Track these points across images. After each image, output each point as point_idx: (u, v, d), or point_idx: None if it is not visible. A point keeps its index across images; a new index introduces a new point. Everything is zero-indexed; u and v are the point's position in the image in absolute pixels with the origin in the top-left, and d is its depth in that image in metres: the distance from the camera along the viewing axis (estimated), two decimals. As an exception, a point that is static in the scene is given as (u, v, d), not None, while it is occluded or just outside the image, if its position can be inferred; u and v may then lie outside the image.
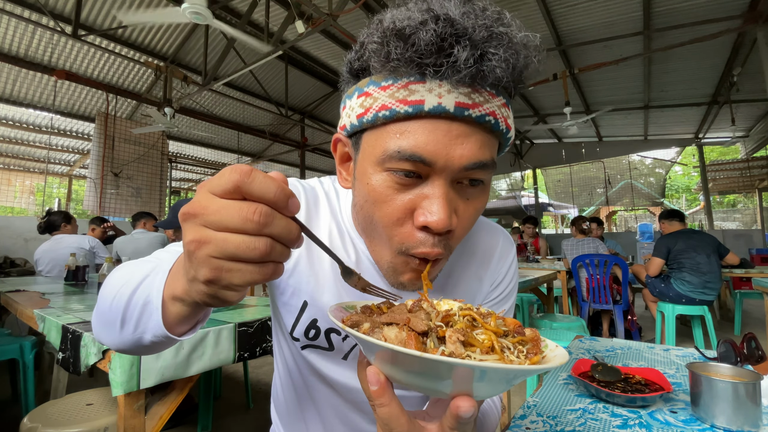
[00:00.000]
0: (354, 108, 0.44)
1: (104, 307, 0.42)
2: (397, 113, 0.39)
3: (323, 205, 0.58)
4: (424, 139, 0.39)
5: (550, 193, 11.62)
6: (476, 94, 0.39)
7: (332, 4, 3.39)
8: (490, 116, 0.40)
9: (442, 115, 0.38)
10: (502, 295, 0.63)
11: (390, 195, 0.42)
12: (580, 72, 4.78)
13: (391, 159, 0.40)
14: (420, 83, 0.38)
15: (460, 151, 0.39)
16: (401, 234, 0.43)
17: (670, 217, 3.36)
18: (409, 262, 0.44)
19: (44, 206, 5.92)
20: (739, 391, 0.59)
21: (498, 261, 0.62)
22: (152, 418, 0.97)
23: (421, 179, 0.41)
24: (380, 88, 0.41)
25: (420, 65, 0.37)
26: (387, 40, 0.38)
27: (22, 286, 2.13)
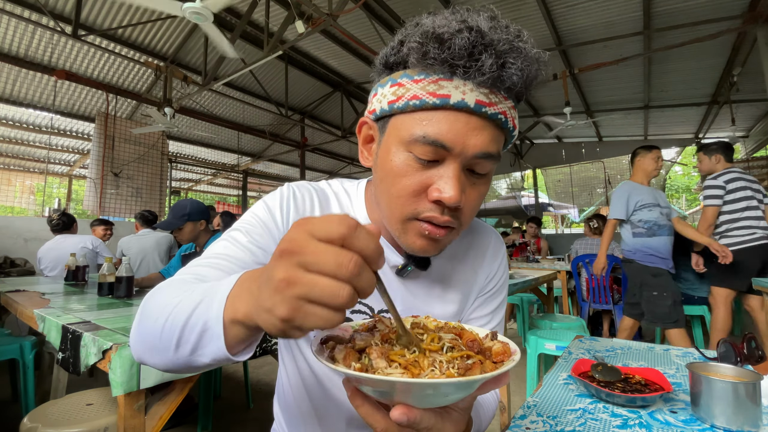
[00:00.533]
0: (386, 95, 0.50)
1: (153, 330, 0.43)
2: (425, 103, 0.46)
3: (334, 205, 0.64)
4: (447, 127, 0.46)
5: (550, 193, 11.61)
6: (493, 95, 0.46)
7: (332, 4, 3.39)
8: (502, 115, 0.47)
9: (464, 109, 0.46)
10: (496, 286, 0.69)
11: (409, 172, 0.49)
12: (580, 72, 4.78)
13: (416, 142, 0.47)
14: (448, 80, 0.46)
15: (474, 141, 0.47)
16: (414, 203, 0.50)
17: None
18: (419, 227, 0.50)
19: (44, 206, 5.92)
20: (739, 391, 0.59)
21: (491, 257, 0.69)
22: (152, 418, 0.97)
23: (438, 163, 0.48)
24: (413, 80, 0.47)
25: (452, 65, 0.44)
26: (427, 41, 0.45)
27: (22, 286, 2.13)
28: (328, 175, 11.05)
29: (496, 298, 0.69)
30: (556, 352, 2.01)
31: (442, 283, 0.65)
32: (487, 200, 12.04)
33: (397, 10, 4.32)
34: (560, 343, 2.02)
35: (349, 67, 6.09)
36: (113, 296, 1.72)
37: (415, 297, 0.63)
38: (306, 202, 0.62)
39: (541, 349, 2.08)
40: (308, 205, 0.62)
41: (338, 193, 0.65)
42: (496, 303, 0.69)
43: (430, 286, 0.64)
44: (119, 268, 1.74)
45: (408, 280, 0.64)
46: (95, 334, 1.01)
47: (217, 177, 9.76)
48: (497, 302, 0.69)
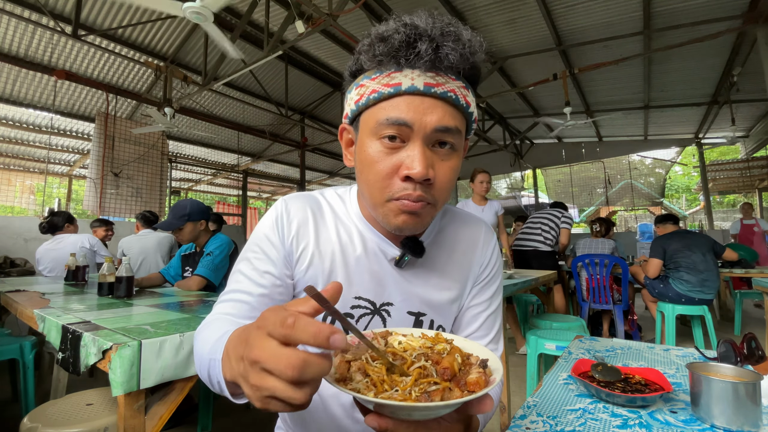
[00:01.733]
0: (353, 98, 0.58)
1: (202, 373, 0.53)
2: (382, 94, 0.53)
3: (327, 212, 0.69)
4: (404, 108, 0.52)
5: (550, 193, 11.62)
6: (439, 77, 0.53)
7: (332, 4, 3.39)
8: (451, 93, 0.53)
9: (416, 93, 0.52)
10: (489, 275, 0.73)
11: (381, 158, 0.54)
12: (580, 72, 4.78)
13: (381, 126, 0.53)
14: (398, 72, 0.53)
15: (430, 117, 0.52)
16: (389, 185, 0.55)
17: (664, 221, 3.42)
18: (398, 206, 0.55)
19: (44, 206, 5.92)
20: (739, 391, 0.59)
21: (483, 246, 0.73)
22: (152, 418, 0.97)
23: (404, 144, 0.54)
24: (370, 79, 0.55)
25: (396, 57, 0.52)
26: (373, 43, 0.53)
27: (22, 286, 2.13)
28: (328, 175, 11.05)
29: (491, 285, 0.73)
30: (556, 352, 2.01)
31: (439, 273, 0.68)
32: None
33: (397, 10, 4.32)
34: (560, 343, 2.02)
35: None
36: (113, 296, 1.72)
37: (413, 286, 0.67)
38: (299, 213, 0.66)
39: (541, 349, 2.08)
40: (302, 217, 0.66)
41: (331, 201, 0.70)
42: (492, 290, 0.73)
43: (428, 276, 0.68)
44: (119, 268, 1.74)
45: (406, 270, 0.67)
46: (95, 334, 1.01)
47: (217, 177, 9.76)
48: (493, 289, 0.73)
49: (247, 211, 9.03)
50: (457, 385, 0.39)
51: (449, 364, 0.40)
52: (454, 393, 0.38)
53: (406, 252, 0.63)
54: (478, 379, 0.39)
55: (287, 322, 0.31)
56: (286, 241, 0.65)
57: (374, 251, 0.66)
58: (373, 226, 0.67)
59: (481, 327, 0.71)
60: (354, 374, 0.39)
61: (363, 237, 0.67)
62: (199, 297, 1.80)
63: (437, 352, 0.43)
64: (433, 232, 0.70)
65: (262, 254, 0.65)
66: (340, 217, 0.68)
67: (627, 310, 3.49)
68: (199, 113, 6.59)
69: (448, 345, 0.45)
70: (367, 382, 0.38)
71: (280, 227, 0.65)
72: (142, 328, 1.10)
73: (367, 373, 0.39)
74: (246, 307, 0.62)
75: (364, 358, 0.41)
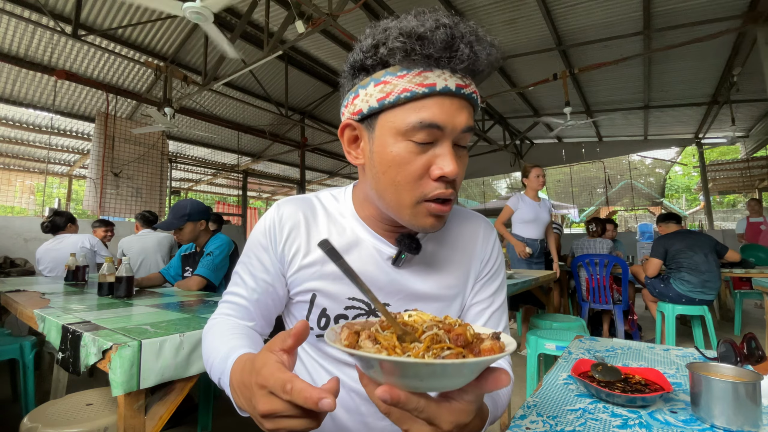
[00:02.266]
0: (372, 94, 0.55)
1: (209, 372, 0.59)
2: (416, 93, 0.52)
3: (320, 213, 0.69)
4: (438, 110, 0.52)
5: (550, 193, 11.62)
6: (466, 79, 0.54)
7: (332, 4, 3.39)
8: (474, 94, 0.56)
9: (448, 94, 0.53)
10: (492, 269, 0.72)
11: (411, 158, 0.54)
12: (580, 72, 4.78)
13: (413, 129, 0.53)
14: (430, 71, 0.52)
15: (460, 118, 0.54)
16: (420, 186, 0.55)
17: (666, 220, 3.39)
18: (428, 207, 0.56)
19: (44, 206, 5.92)
20: (739, 391, 0.59)
21: (483, 242, 0.72)
22: (152, 418, 0.97)
23: (432, 145, 0.54)
24: (397, 77, 0.53)
25: (436, 58, 0.51)
26: (410, 40, 0.51)
27: (22, 286, 2.13)
28: (328, 175, 11.05)
29: (494, 281, 0.72)
30: (556, 352, 2.01)
31: (438, 270, 0.68)
32: (487, 200, 12.04)
33: (397, 10, 4.31)
34: (560, 343, 2.02)
35: (349, 67, 6.08)
36: (113, 296, 1.72)
37: (411, 285, 0.66)
38: (291, 217, 0.67)
39: (541, 349, 2.08)
40: (294, 221, 0.67)
41: (325, 203, 0.70)
42: (495, 286, 0.72)
43: (427, 273, 0.67)
44: (119, 268, 1.74)
45: (403, 269, 0.66)
46: (95, 334, 1.01)
47: (217, 177, 9.76)
48: (496, 285, 0.72)
49: (247, 211, 9.02)
50: (471, 352, 0.38)
51: (462, 331, 0.39)
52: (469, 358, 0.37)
53: (403, 249, 0.63)
54: (492, 346, 0.38)
55: (286, 388, 0.36)
56: (278, 247, 0.66)
57: (369, 251, 0.66)
58: (368, 225, 0.66)
59: (486, 324, 0.70)
60: (363, 342, 0.39)
61: (357, 237, 0.66)
62: (199, 297, 1.80)
63: (449, 323, 0.42)
64: None
65: (256, 261, 0.67)
66: (334, 218, 0.68)
67: (627, 310, 3.48)
68: (199, 113, 6.59)
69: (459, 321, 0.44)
70: (378, 348, 0.37)
71: (272, 233, 0.66)
72: (142, 328, 1.10)
73: (377, 340, 0.38)
74: (244, 310, 0.68)
75: (374, 328, 0.41)
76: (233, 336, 0.60)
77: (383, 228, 0.66)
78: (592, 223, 3.84)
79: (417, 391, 0.37)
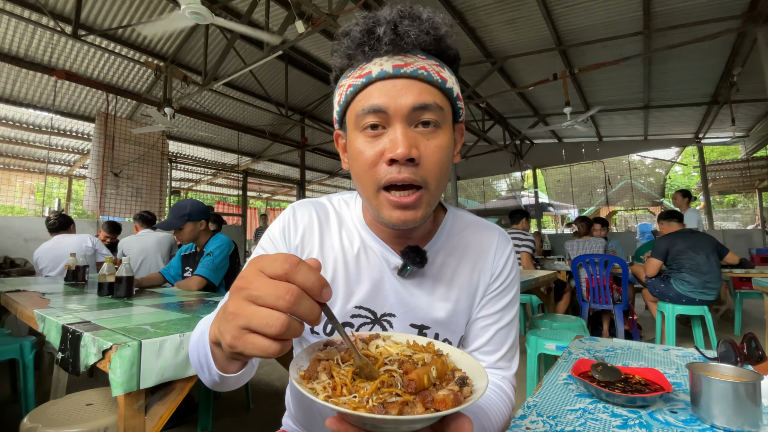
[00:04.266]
0: (335, 100, 0.60)
1: (193, 356, 0.54)
2: (356, 86, 0.54)
3: (333, 219, 0.69)
4: (377, 94, 0.53)
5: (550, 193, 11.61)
6: (408, 58, 0.53)
7: (332, 4, 3.39)
8: (422, 70, 0.53)
9: (386, 77, 0.53)
10: (501, 286, 0.68)
11: (365, 148, 0.54)
12: (580, 72, 4.78)
13: (360, 118, 0.54)
14: (368, 63, 0.54)
15: (404, 97, 0.52)
16: (375, 172, 0.54)
17: (669, 218, 3.35)
18: (387, 198, 0.54)
19: (44, 206, 5.92)
20: (739, 391, 0.59)
21: (495, 255, 0.68)
22: (152, 418, 0.97)
23: (385, 130, 0.53)
24: (346, 78, 0.57)
25: (360, 47, 0.53)
26: (340, 41, 0.56)
27: (22, 286, 2.13)
28: (328, 175, 11.05)
29: (503, 296, 0.67)
30: (556, 352, 2.01)
31: (446, 283, 0.65)
32: (487, 200, 12.04)
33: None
34: (560, 343, 2.02)
35: (349, 67, 6.09)
36: (113, 296, 1.72)
37: (416, 298, 0.64)
38: (305, 219, 0.67)
39: (541, 349, 2.08)
40: (307, 223, 0.67)
41: (337, 207, 0.70)
42: (503, 302, 0.67)
43: (433, 286, 0.65)
44: (119, 268, 1.74)
45: (410, 280, 0.64)
46: (95, 334, 1.01)
47: (217, 177, 9.76)
48: (505, 301, 0.67)
49: (247, 211, 9.02)
50: (422, 401, 0.35)
51: (417, 376, 0.37)
52: (416, 408, 0.34)
53: (407, 261, 0.61)
54: (445, 398, 0.35)
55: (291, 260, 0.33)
56: (291, 248, 0.66)
57: (376, 259, 0.65)
58: (375, 233, 0.66)
59: (490, 341, 0.66)
60: (320, 373, 0.38)
61: (365, 244, 0.65)
62: (199, 297, 1.80)
63: (413, 361, 0.40)
64: (441, 239, 0.66)
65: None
66: (344, 224, 0.68)
67: (627, 310, 3.48)
68: (199, 113, 6.59)
69: (430, 356, 0.41)
70: (328, 384, 0.37)
71: (287, 234, 0.66)
72: (142, 328, 1.10)
73: (332, 374, 0.38)
74: None
75: (335, 359, 0.40)
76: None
77: (387, 234, 0.64)
78: (578, 222, 3.86)
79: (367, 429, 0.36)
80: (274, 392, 2.65)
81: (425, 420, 0.34)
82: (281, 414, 0.81)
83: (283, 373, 2.95)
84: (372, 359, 0.40)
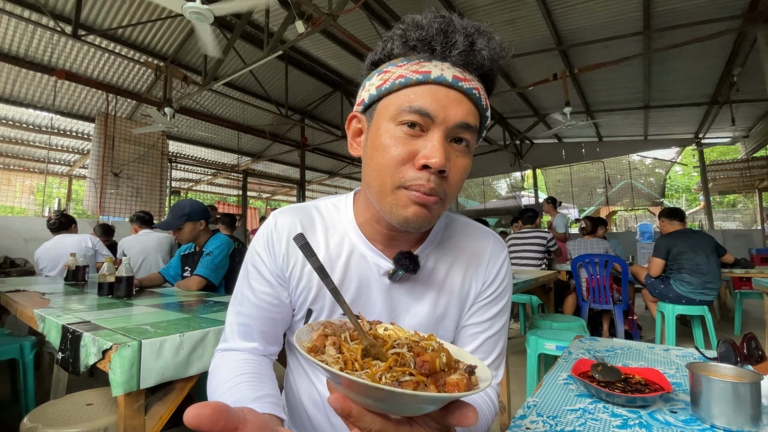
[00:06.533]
0: (373, 84, 0.56)
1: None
2: (410, 80, 0.52)
3: (318, 224, 0.67)
4: (430, 98, 0.51)
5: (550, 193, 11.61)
6: (467, 73, 0.53)
7: (332, 4, 3.39)
8: (476, 90, 0.53)
9: (443, 84, 0.52)
10: (494, 294, 0.66)
11: (398, 142, 0.52)
12: (580, 72, 4.78)
13: (403, 112, 0.52)
14: (428, 62, 0.52)
15: (454, 111, 0.52)
16: (402, 172, 0.52)
17: (671, 216, 3.32)
18: (409, 196, 0.52)
19: (44, 206, 5.92)
20: (739, 391, 0.59)
21: (489, 261, 0.67)
22: (152, 418, 0.97)
23: (423, 133, 0.52)
24: (397, 66, 0.54)
25: (431, 44, 0.52)
26: (408, 29, 0.53)
27: (22, 286, 2.13)
28: (328, 175, 11.05)
29: (495, 305, 0.66)
30: (556, 352, 2.01)
31: (436, 289, 0.64)
32: (487, 200, 12.04)
33: (397, 10, 4.32)
34: (560, 343, 2.02)
35: (349, 67, 6.09)
36: (113, 296, 1.72)
37: (406, 304, 0.63)
38: (287, 227, 0.65)
39: (541, 349, 2.08)
40: (290, 230, 0.65)
41: (324, 213, 0.68)
42: (494, 310, 0.66)
43: (423, 292, 0.64)
44: (119, 268, 1.74)
45: (399, 285, 0.63)
46: (95, 334, 1.01)
47: (217, 177, 9.76)
48: (496, 309, 0.66)
49: (247, 211, 9.02)
50: (434, 383, 0.35)
51: (430, 358, 0.37)
52: (429, 390, 0.34)
53: (399, 268, 0.60)
54: (458, 381, 0.35)
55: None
56: (278, 259, 0.64)
57: (366, 264, 0.63)
58: (366, 235, 0.64)
59: (479, 349, 0.65)
60: (328, 348, 0.37)
61: (355, 249, 0.64)
62: (199, 297, 1.80)
63: (422, 346, 0.39)
64: (434, 243, 0.65)
65: (257, 274, 0.65)
66: (332, 229, 0.66)
67: (627, 310, 3.48)
68: (199, 113, 6.59)
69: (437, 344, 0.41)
70: (338, 358, 0.36)
71: (270, 245, 0.64)
72: (142, 328, 1.10)
73: (342, 350, 0.37)
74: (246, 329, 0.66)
75: (343, 336, 0.39)
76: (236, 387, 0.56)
77: (381, 236, 0.63)
78: (580, 221, 3.87)
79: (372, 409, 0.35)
80: (274, 392, 2.64)
81: (442, 399, 0.34)
82: (281, 414, 0.81)
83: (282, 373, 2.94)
84: (380, 341, 0.40)
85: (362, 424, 0.34)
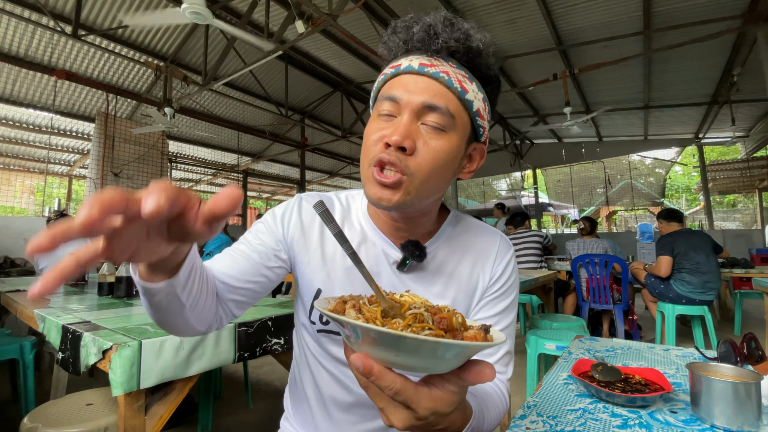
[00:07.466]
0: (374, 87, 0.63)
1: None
2: (387, 75, 0.59)
3: (338, 212, 0.71)
4: (398, 86, 0.57)
5: (550, 193, 11.62)
6: (436, 61, 0.56)
7: (332, 4, 3.39)
8: (444, 74, 0.55)
9: (411, 72, 0.56)
10: (502, 288, 0.69)
11: (374, 131, 0.57)
12: (580, 72, 4.78)
13: (379, 103, 0.58)
14: (404, 58, 0.58)
15: (419, 94, 0.55)
16: (372, 151, 0.57)
17: (669, 218, 3.33)
18: (373, 173, 0.56)
19: (44, 206, 5.92)
20: (739, 391, 0.59)
21: (496, 258, 0.70)
22: (152, 418, 0.97)
23: (396, 119, 0.56)
24: (384, 68, 0.61)
25: (405, 43, 0.58)
26: (387, 36, 0.60)
27: (22, 286, 2.13)
28: (328, 175, 11.05)
29: (501, 301, 0.69)
30: (556, 352, 2.01)
31: (444, 281, 0.66)
32: (487, 200, 12.03)
33: (397, 10, 4.32)
34: (560, 343, 2.02)
35: (349, 67, 6.09)
36: (113, 296, 1.72)
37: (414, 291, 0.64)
38: (309, 211, 0.69)
39: (541, 349, 2.08)
40: (311, 214, 0.69)
41: (343, 202, 0.73)
42: (502, 305, 0.68)
43: (431, 281, 0.66)
44: (119, 268, 1.74)
45: (408, 275, 0.66)
46: (95, 334, 1.01)
47: (217, 177, 9.76)
48: (504, 305, 0.69)
49: (247, 211, 9.03)
50: (453, 338, 0.36)
51: (448, 316, 0.38)
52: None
53: (407, 255, 0.63)
54: (476, 335, 0.36)
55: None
56: (288, 233, 0.67)
57: (376, 252, 0.66)
58: (377, 224, 0.68)
59: None
60: (348, 311, 0.38)
61: (366, 237, 0.67)
62: (199, 297, 1.80)
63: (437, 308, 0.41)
64: (442, 238, 0.68)
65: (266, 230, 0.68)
66: (348, 217, 0.70)
67: (627, 310, 3.48)
68: (199, 113, 6.59)
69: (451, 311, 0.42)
70: (359, 317, 0.37)
71: (285, 220, 0.68)
72: (142, 328, 1.10)
73: (361, 311, 0.38)
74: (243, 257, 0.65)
75: (362, 300, 0.41)
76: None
77: (389, 226, 0.66)
78: (579, 221, 3.90)
79: (394, 368, 0.36)
80: (273, 392, 2.64)
81: (463, 347, 0.34)
82: (281, 414, 0.81)
83: (282, 373, 2.95)
84: (398, 305, 0.41)
85: (383, 383, 0.35)
